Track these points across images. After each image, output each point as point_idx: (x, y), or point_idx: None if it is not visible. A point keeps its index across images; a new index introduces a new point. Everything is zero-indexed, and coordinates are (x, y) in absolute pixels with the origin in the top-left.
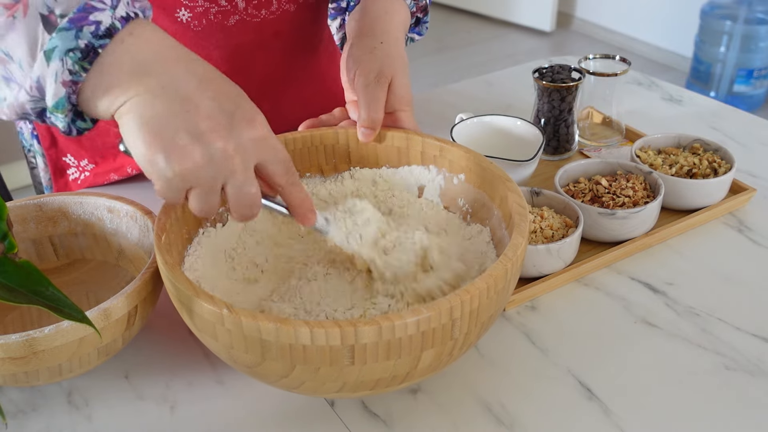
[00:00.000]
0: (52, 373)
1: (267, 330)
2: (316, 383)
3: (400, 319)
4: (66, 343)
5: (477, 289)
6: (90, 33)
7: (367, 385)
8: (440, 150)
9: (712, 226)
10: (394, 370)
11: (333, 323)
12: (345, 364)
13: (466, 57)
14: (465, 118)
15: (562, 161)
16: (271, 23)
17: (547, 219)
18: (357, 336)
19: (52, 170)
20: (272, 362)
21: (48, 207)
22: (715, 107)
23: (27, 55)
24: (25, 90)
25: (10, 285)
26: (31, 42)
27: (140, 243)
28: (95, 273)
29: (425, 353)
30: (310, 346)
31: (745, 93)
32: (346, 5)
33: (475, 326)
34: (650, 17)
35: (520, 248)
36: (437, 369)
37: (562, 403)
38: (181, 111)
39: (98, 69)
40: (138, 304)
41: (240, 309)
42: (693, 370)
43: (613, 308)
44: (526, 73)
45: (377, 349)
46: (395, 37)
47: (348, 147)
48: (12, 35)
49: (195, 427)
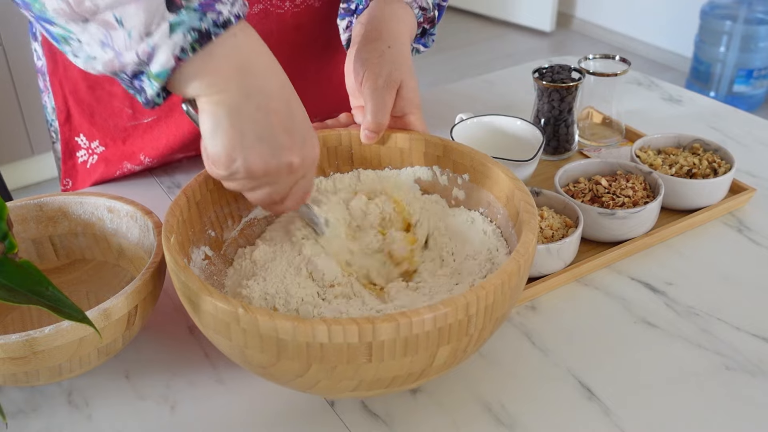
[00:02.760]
0: (52, 373)
1: (284, 329)
2: (331, 382)
3: (418, 316)
4: (66, 344)
5: (492, 285)
6: (212, 20)
7: (383, 383)
8: (444, 150)
9: (712, 226)
10: (411, 367)
11: (351, 320)
12: (362, 362)
13: (466, 57)
14: (465, 118)
15: (562, 161)
16: (293, 16)
17: (547, 219)
18: (375, 333)
19: (63, 149)
20: (288, 361)
21: (48, 207)
22: (715, 107)
23: (142, 25)
24: (135, 52)
25: (10, 285)
26: (150, 15)
27: (140, 243)
28: (95, 273)
29: (441, 349)
30: (327, 344)
31: (745, 93)
32: (355, 7)
33: (489, 322)
34: (650, 17)
35: (531, 245)
36: (451, 366)
37: (562, 403)
38: (266, 121)
39: (207, 53)
40: (138, 304)
41: (255, 308)
42: (693, 370)
43: (613, 308)
44: (526, 73)
45: (395, 345)
46: (402, 42)
47: (351, 148)
48: (133, 5)
49: (195, 427)
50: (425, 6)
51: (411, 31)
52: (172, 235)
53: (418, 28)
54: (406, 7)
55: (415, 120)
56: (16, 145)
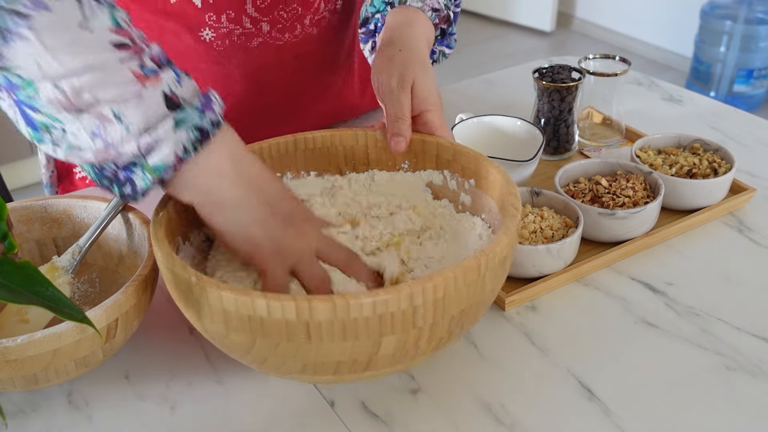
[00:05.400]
0: (27, 382)
1: (228, 300)
2: (277, 360)
3: (356, 299)
4: (38, 354)
5: (442, 277)
6: (210, 119)
7: (328, 367)
8: (453, 154)
9: (712, 226)
10: (353, 353)
11: (290, 297)
12: (302, 341)
13: (466, 57)
14: (465, 118)
15: (562, 161)
16: (293, 46)
17: (547, 219)
18: (311, 312)
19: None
20: (235, 333)
21: (53, 209)
22: (715, 107)
23: (142, 121)
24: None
25: (10, 285)
26: (150, 112)
27: (138, 252)
28: (96, 278)
29: (385, 339)
30: (267, 318)
31: (745, 93)
32: (375, 27)
33: (442, 318)
34: (650, 17)
35: (500, 245)
36: (404, 360)
37: (562, 403)
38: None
39: (207, 151)
40: (119, 317)
41: (206, 278)
42: (693, 370)
43: (613, 308)
44: (526, 73)
45: (332, 327)
46: (415, 45)
47: (367, 148)
48: (134, 101)
49: (195, 427)
50: (437, 7)
51: (426, 34)
52: (162, 211)
53: (435, 29)
54: (417, 11)
55: (432, 117)
56: (16, 145)
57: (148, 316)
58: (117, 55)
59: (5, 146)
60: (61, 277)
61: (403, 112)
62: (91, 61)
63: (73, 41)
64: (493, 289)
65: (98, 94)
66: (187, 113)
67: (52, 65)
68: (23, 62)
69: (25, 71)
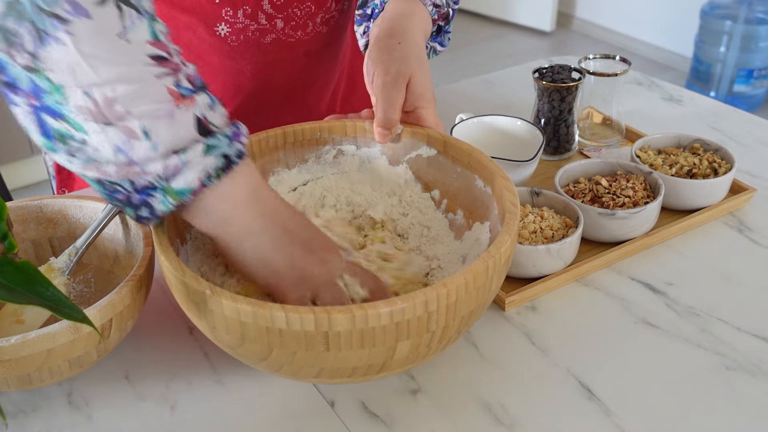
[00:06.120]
0: (21, 382)
1: (245, 312)
2: (294, 367)
3: (374, 309)
4: (32, 354)
5: (454, 283)
6: (237, 148)
7: (344, 372)
8: (444, 146)
9: (712, 226)
10: (370, 359)
11: (308, 309)
12: (320, 350)
13: (466, 57)
14: (465, 118)
15: (562, 161)
16: (304, 43)
17: (547, 219)
18: (330, 323)
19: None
20: (251, 344)
21: (49, 209)
22: (715, 107)
23: (169, 141)
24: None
25: (10, 285)
26: (180, 134)
27: (134, 252)
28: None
29: (401, 344)
30: (285, 330)
31: (745, 93)
32: (371, 12)
33: (453, 320)
34: (650, 17)
35: (505, 245)
36: (416, 361)
37: (562, 403)
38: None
39: (229, 179)
40: (113, 317)
41: (221, 290)
42: (693, 370)
43: (613, 308)
44: (526, 73)
45: (351, 337)
46: (413, 38)
47: (356, 138)
48: (165, 120)
49: (195, 427)
50: (439, 3)
51: (424, 28)
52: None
53: (433, 25)
54: (419, 4)
55: (426, 114)
56: (16, 145)
57: (148, 315)
58: (153, 70)
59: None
60: (57, 278)
61: (394, 106)
62: (127, 73)
63: (110, 51)
64: (497, 288)
65: (130, 106)
66: (219, 140)
67: (86, 72)
68: (56, 66)
69: (56, 75)
